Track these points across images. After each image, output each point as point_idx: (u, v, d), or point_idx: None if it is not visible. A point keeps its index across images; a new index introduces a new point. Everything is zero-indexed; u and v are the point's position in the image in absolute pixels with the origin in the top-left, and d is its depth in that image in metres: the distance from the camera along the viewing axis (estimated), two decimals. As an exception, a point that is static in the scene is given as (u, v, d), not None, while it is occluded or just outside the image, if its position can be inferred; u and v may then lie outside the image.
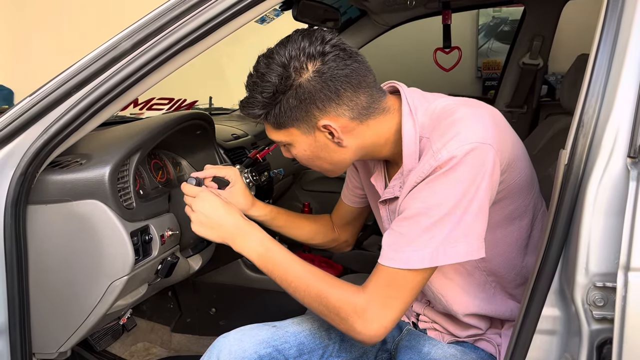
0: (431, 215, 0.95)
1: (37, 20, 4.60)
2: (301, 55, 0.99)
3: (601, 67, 0.87)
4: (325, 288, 1.03)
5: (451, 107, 1.04)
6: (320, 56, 0.99)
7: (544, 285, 0.90)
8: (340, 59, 1.00)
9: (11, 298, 1.18)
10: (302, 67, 0.99)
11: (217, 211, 1.14)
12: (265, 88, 1.01)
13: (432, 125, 1.03)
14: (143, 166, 1.55)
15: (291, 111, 1.02)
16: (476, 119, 0.99)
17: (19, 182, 1.15)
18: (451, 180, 0.95)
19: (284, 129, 1.06)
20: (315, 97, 1.00)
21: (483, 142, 0.95)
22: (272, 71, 1.00)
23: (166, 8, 1.11)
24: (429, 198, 0.96)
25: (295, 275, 1.07)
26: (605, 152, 0.85)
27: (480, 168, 0.94)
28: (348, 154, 1.09)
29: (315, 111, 1.01)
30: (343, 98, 1.01)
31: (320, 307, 1.04)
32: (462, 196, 0.94)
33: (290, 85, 1.00)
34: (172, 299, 2.22)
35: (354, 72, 1.01)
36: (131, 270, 1.30)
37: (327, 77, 0.99)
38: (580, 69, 1.62)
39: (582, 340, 0.87)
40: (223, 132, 2.12)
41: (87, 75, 1.13)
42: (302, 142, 1.07)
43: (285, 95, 1.01)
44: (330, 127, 1.03)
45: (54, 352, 1.37)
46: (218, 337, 1.18)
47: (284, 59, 0.99)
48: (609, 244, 0.84)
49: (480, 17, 4.11)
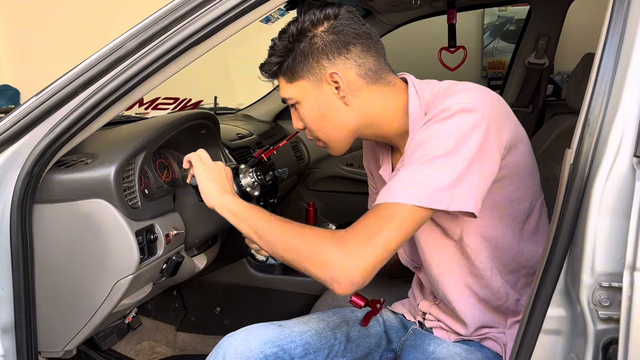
0: (423, 155, 0.96)
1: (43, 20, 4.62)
2: (318, 12, 1.10)
3: (607, 66, 0.86)
4: (305, 232, 1.02)
5: (456, 84, 1.08)
6: (335, 15, 1.09)
7: (550, 285, 0.89)
8: (353, 20, 1.10)
9: (17, 297, 1.18)
10: (318, 21, 1.09)
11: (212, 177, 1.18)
12: (282, 38, 1.11)
13: (435, 101, 1.06)
14: (148, 165, 1.55)
15: (303, 59, 1.09)
16: (479, 92, 1.03)
17: (25, 182, 1.15)
18: (444, 127, 0.97)
19: (295, 81, 1.12)
20: (327, 48, 1.08)
21: (479, 110, 0.97)
22: (292, 25, 1.11)
23: (171, 8, 1.11)
24: (422, 143, 0.98)
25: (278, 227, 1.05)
26: (611, 152, 0.84)
27: (473, 126, 0.96)
28: (352, 117, 1.12)
29: (324, 61, 1.08)
30: (352, 53, 1.08)
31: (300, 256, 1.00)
32: (455, 144, 0.95)
33: (305, 35, 1.09)
34: (177, 298, 2.23)
35: (365, 34, 1.10)
36: (136, 269, 1.30)
37: (339, 30, 1.08)
38: (586, 69, 1.61)
39: (587, 341, 0.87)
40: (228, 132, 2.12)
41: (92, 75, 1.14)
42: (310, 98, 1.12)
43: (300, 44, 1.09)
44: (337, 77, 1.08)
45: (59, 351, 1.38)
46: (224, 336, 1.18)
47: (303, 18, 1.10)
48: (615, 244, 0.83)
49: (486, 17, 4.09)
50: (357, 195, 1.48)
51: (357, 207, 1.43)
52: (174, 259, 1.47)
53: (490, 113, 0.99)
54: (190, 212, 1.56)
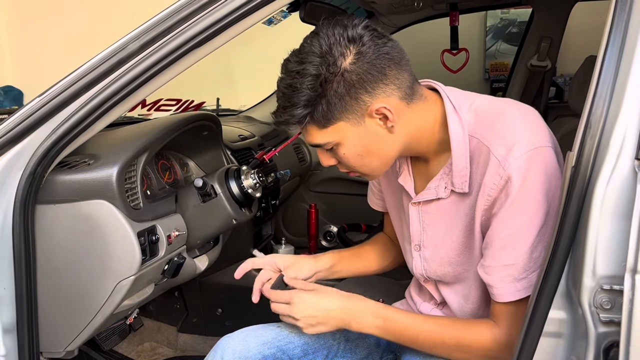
0: (527, 234, 0.96)
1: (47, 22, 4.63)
2: (341, 39, 0.94)
3: (609, 68, 0.86)
4: (460, 334, 1.03)
5: (498, 104, 1.03)
6: (359, 38, 0.95)
7: (551, 287, 0.89)
8: (376, 37, 0.96)
9: (19, 297, 1.19)
10: (344, 51, 0.94)
11: (318, 306, 1.08)
12: (305, 83, 0.94)
13: (479, 123, 1.01)
14: (150, 167, 1.56)
15: (340, 101, 0.95)
16: (530, 120, 1.00)
17: (27, 182, 1.16)
18: (530, 193, 0.94)
19: (331, 125, 0.98)
20: (364, 79, 0.94)
21: (544, 145, 0.96)
22: (310, 64, 0.94)
23: (174, 9, 1.11)
24: (517, 220, 0.96)
25: (426, 333, 1.05)
26: (612, 154, 0.84)
27: (549, 169, 0.95)
28: (397, 143, 1.03)
29: (364, 96, 0.96)
30: (389, 77, 0.96)
31: (463, 355, 1.04)
32: (547, 203, 0.94)
33: (336, 73, 0.94)
34: (178, 299, 2.23)
35: (393, 49, 0.97)
36: (138, 270, 1.31)
37: (370, 57, 0.94)
38: (588, 71, 1.61)
39: (588, 343, 0.87)
40: (230, 133, 2.13)
41: (95, 76, 1.14)
42: (351, 137, 1.00)
43: (332, 85, 0.94)
44: (385, 110, 0.97)
45: (61, 351, 1.38)
46: (222, 337, 1.18)
47: (322, 48, 0.94)
48: (616, 247, 0.83)
49: (488, 19, 4.09)
50: (359, 197, 1.48)
51: (358, 208, 1.43)
52: (175, 260, 1.47)
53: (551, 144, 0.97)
54: (192, 213, 1.56)
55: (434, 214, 1.11)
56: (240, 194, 1.60)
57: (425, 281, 1.22)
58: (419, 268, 1.19)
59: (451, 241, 1.09)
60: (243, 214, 1.63)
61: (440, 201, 1.08)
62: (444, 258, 1.12)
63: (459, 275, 1.12)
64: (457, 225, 1.07)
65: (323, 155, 1.07)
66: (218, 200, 1.56)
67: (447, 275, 1.14)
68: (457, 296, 1.15)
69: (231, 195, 1.58)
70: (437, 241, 1.13)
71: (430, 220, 1.12)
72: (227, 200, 1.56)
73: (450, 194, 1.06)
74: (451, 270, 1.12)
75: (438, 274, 1.16)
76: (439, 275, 1.16)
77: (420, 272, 1.19)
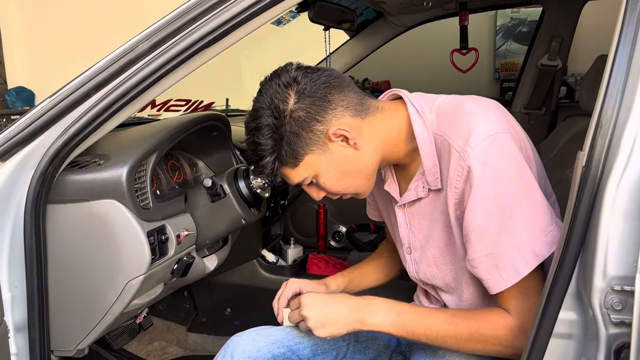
0: (498, 220, 0.96)
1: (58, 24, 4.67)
2: (278, 87, 1.03)
3: (620, 67, 0.86)
4: (473, 325, 1.03)
5: (456, 100, 1.07)
6: (293, 80, 1.03)
7: (561, 288, 0.88)
8: (309, 73, 1.04)
9: (30, 296, 1.20)
10: (285, 96, 1.03)
11: (328, 306, 1.10)
12: (264, 134, 1.04)
13: (441, 121, 1.05)
14: (160, 167, 1.56)
15: (298, 138, 1.03)
16: (486, 110, 1.02)
17: (39, 182, 1.17)
18: (493, 179, 0.96)
19: (300, 162, 1.06)
20: (311, 112, 1.02)
21: (499, 132, 0.97)
22: (262, 117, 1.04)
23: (183, 10, 1.12)
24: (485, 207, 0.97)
25: (439, 325, 1.05)
26: (624, 154, 0.84)
27: (508, 153, 0.97)
28: (368, 157, 1.08)
29: (317, 126, 1.03)
30: (333, 101, 1.03)
31: (478, 345, 1.03)
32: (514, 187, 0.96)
33: (285, 116, 1.02)
34: (188, 299, 2.24)
35: (329, 77, 1.05)
36: (147, 270, 1.31)
37: (309, 91, 1.02)
38: (600, 70, 1.60)
39: (599, 345, 0.86)
40: (239, 133, 2.12)
41: (105, 76, 1.15)
42: (324, 165, 1.07)
43: (285, 127, 1.03)
44: (341, 131, 1.03)
45: (71, 350, 1.39)
46: (232, 336, 1.19)
47: (267, 101, 1.04)
48: (628, 247, 0.82)
49: (498, 18, 4.08)
50: (367, 197, 1.48)
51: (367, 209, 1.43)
52: (184, 259, 1.48)
53: (509, 131, 0.99)
54: (201, 213, 1.56)
55: (417, 215, 1.14)
56: (249, 193, 1.61)
57: (424, 284, 1.22)
58: (412, 271, 1.21)
59: (433, 240, 1.11)
60: (252, 213, 1.64)
61: (421, 201, 1.11)
62: (430, 258, 1.14)
63: (446, 277, 1.13)
64: (436, 223, 1.09)
65: (310, 191, 1.13)
66: (227, 200, 1.56)
67: (435, 277, 1.15)
68: (452, 297, 1.16)
69: (240, 195, 1.59)
70: (422, 242, 1.15)
71: (415, 222, 1.15)
72: (236, 200, 1.57)
73: (428, 193, 1.09)
74: (438, 272, 1.14)
75: (427, 275, 1.17)
76: (429, 277, 1.17)
77: (414, 275, 1.21)
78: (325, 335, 1.09)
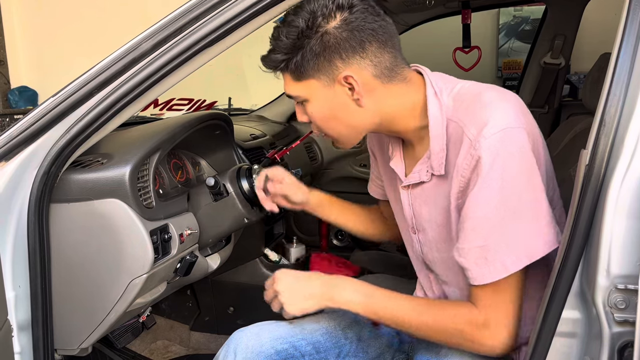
0: (499, 214, 0.95)
1: (61, 23, 4.67)
2: (330, 2, 0.99)
3: (623, 66, 0.85)
4: (439, 314, 1.03)
5: (477, 89, 1.04)
6: (349, 7, 0.99)
7: (564, 287, 0.88)
8: (368, 13, 1.00)
9: (34, 295, 1.20)
10: (330, 14, 0.99)
11: (299, 282, 1.12)
12: (290, 32, 1.00)
13: (457, 107, 1.03)
14: (163, 166, 1.57)
15: (314, 59, 1.00)
16: (506, 103, 0.99)
17: (42, 181, 1.17)
18: (501, 173, 0.94)
19: (303, 80, 1.04)
20: (340, 46, 0.99)
21: (516, 126, 0.95)
22: (299, 17, 1.00)
23: (186, 9, 1.12)
24: (489, 200, 0.96)
25: (405, 311, 1.05)
26: (627, 153, 0.83)
27: (520, 150, 0.95)
28: (366, 117, 1.06)
29: (338, 61, 1.00)
30: (368, 52, 1.00)
31: (440, 335, 1.03)
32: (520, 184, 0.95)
33: (316, 31, 0.99)
34: (190, 298, 2.24)
35: (382, 28, 1.01)
36: (150, 269, 1.32)
37: (354, 26, 0.99)
38: (603, 69, 1.59)
39: (603, 343, 0.86)
40: (241, 133, 2.13)
41: (108, 76, 1.15)
42: (320, 98, 1.05)
43: (310, 41, 0.99)
44: (352, 79, 1.01)
45: (75, 348, 1.40)
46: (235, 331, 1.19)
47: (312, 6, 1.00)
48: (631, 246, 0.82)
49: (501, 16, 4.06)
50: (370, 196, 1.47)
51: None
52: (187, 258, 1.48)
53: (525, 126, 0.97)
54: (204, 212, 1.57)
55: (420, 198, 1.13)
56: (251, 192, 1.61)
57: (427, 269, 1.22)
58: (417, 250, 1.20)
59: (436, 225, 1.10)
60: (254, 212, 1.64)
61: (424, 185, 1.10)
62: (432, 242, 1.14)
63: (445, 263, 1.13)
64: (438, 209, 1.08)
65: (298, 109, 1.12)
66: (230, 199, 1.56)
67: (436, 261, 1.15)
68: (452, 288, 1.15)
69: (243, 194, 1.59)
70: (425, 225, 1.14)
71: (418, 204, 1.14)
72: (238, 199, 1.57)
73: (431, 178, 1.08)
74: (439, 257, 1.13)
75: (429, 258, 1.17)
76: (430, 259, 1.17)
77: (418, 254, 1.21)
78: (296, 311, 1.10)
